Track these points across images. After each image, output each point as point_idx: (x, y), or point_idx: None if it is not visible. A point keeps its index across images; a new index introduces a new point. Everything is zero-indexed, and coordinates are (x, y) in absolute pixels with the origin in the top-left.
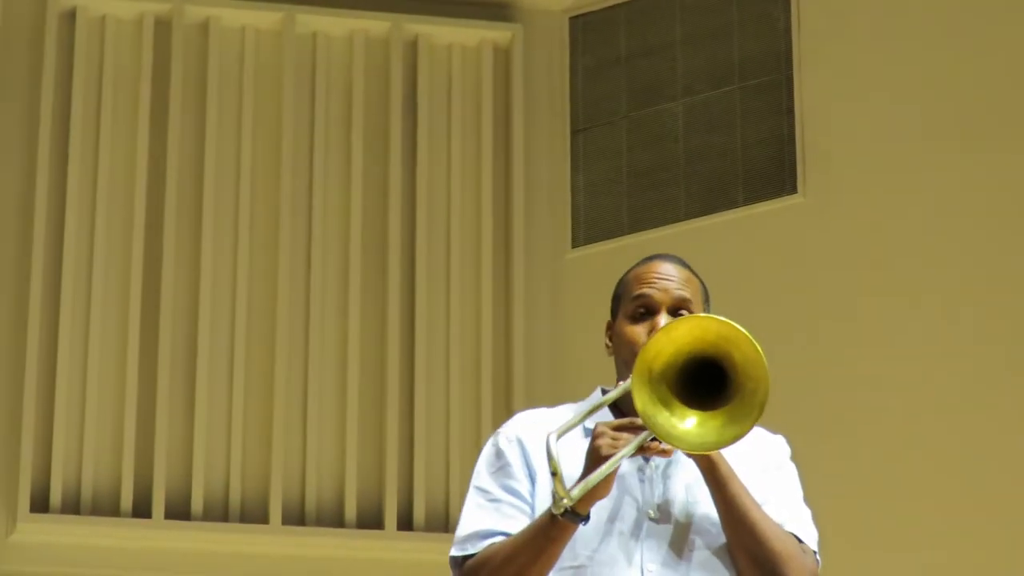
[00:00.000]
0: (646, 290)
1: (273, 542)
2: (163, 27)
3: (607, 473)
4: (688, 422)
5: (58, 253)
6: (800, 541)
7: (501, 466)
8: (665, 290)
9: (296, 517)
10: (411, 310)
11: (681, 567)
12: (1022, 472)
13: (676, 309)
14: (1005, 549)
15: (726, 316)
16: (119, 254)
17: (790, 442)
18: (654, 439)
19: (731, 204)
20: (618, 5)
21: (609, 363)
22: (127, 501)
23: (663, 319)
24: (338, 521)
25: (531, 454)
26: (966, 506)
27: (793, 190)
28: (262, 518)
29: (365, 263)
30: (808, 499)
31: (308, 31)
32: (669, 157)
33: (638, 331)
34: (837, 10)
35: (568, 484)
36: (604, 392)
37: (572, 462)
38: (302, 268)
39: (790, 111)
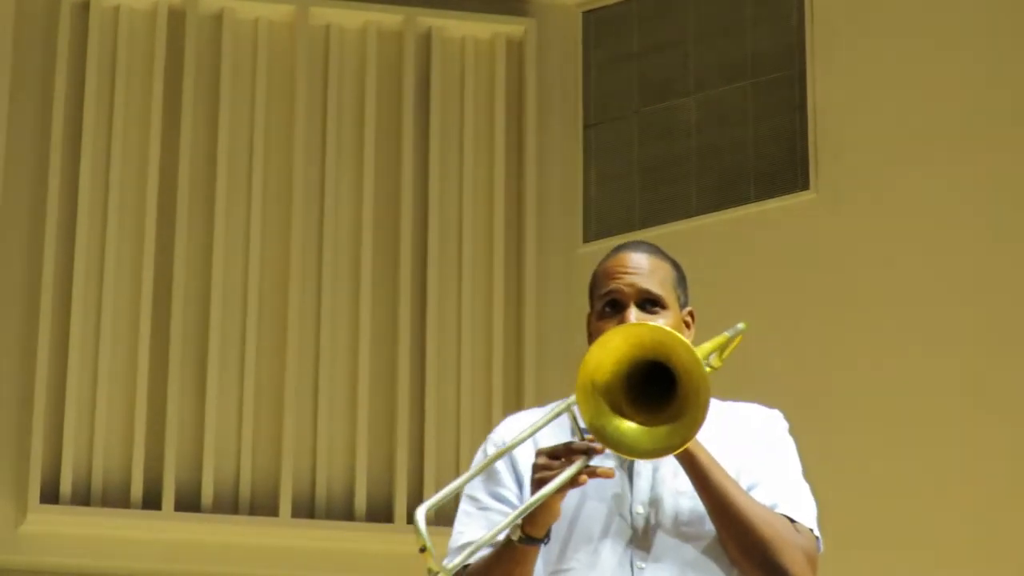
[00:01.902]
0: (612, 285)
1: (283, 534)
2: (177, 18)
3: (535, 505)
4: (635, 430)
5: (70, 244)
6: (793, 521)
7: (490, 473)
8: (631, 284)
9: (306, 510)
10: (422, 303)
11: (672, 563)
12: None
13: (643, 301)
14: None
15: (734, 312)
16: (131, 245)
17: (787, 416)
18: (588, 467)
19: (743, 200)
20: (631, 0)
21: None
22: (137, 492)
23: (632, 313)
24: (348, 514)
25: (519, 459)
26: (980, 501)
27: (805, 186)
28: (272, 510)
29: (377, 256)
30: (817, 492)
31: (321, 23)
32: (681, 152)
33: (608, 327)
34: (850, 6)
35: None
36: None
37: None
38: (314, 261)
39: (802, 107)
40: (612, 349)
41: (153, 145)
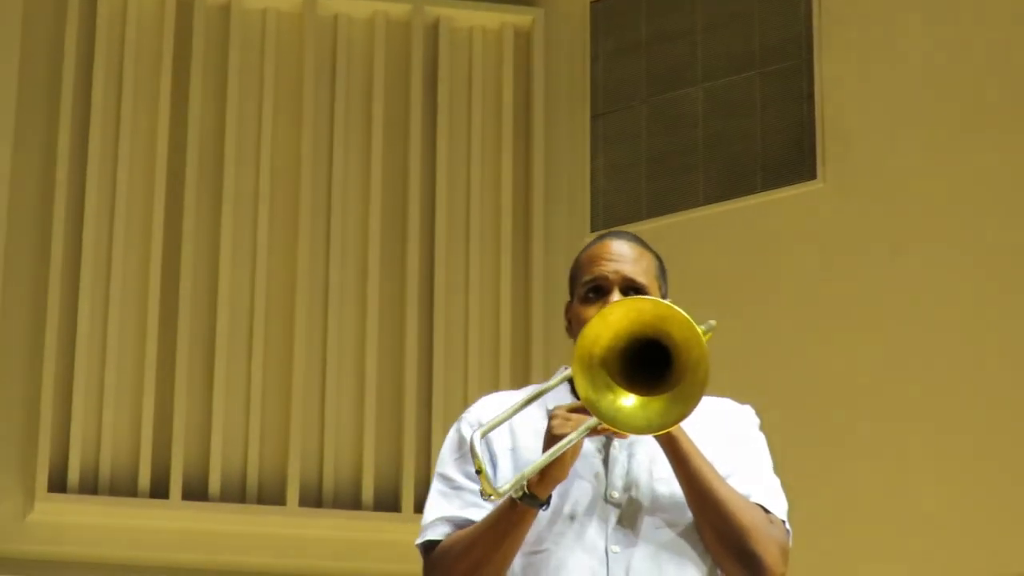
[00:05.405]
0: (597, 271)
1: (290, 523)
2: (185, 9)
3: (557, 455)
4: (631, 405)
5: (78, 234)
6: (767, 512)
7: (464, 453)
8: (616, 270)
9: (313, 499)
10: (430, 293)
11: (646, 547)
12: None
13: (627, 288)
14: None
15: (742, 302)
16: (139, 235)
17: (759, 412)
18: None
19: (750, 190)
20: None
21: None
22: (144, 481)
23: (615, 298)
24: (355, 503)
25: (493, 439)
26: (985, 488)
27: (812, 176)
28: (279, 499)
29: (384, 246)
30: (812, 483)
31: (329, 13)
32: (688, 142)
33: (590, 312)
34: None
35: (527, 466)
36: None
37: (534, 444)
38: (321, 251)
39: (810, 97)
40: (612, 322)
41: (161, 135)
